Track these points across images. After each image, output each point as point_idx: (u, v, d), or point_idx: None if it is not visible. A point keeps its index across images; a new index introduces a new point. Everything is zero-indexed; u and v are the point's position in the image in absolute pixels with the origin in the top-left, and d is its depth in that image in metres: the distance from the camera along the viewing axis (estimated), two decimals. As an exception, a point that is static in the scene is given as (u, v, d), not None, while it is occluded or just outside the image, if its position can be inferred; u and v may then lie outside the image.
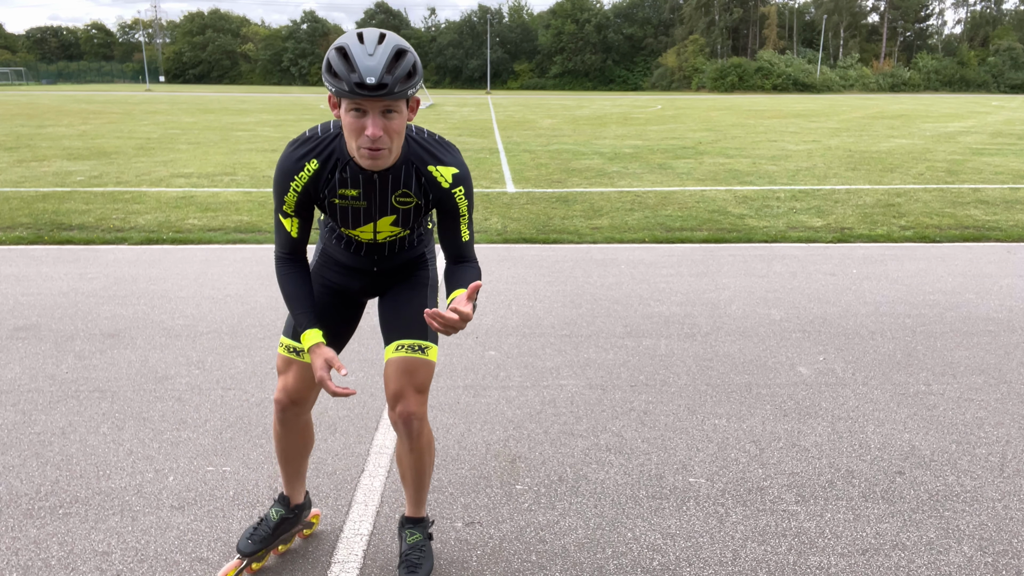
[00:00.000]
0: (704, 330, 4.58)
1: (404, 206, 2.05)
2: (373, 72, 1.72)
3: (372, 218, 2.07)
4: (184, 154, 13.71)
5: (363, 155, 1.85)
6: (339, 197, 2.01)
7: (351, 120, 1.80)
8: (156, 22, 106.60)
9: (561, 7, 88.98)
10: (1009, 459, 3.06)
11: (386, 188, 2.00)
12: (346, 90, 1.74)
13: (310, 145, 1.98)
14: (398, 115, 1.82)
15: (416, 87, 1.83)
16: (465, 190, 2.05)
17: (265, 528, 2.37)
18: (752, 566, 2.40)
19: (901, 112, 30.29)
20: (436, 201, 2.05)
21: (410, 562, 2.28)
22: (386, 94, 1.74)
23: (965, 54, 78.35)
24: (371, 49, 1.74)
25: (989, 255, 6.54)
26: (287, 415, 2.27)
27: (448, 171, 2.02)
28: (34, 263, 6.08)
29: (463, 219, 2.08)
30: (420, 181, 2.02)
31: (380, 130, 1.79)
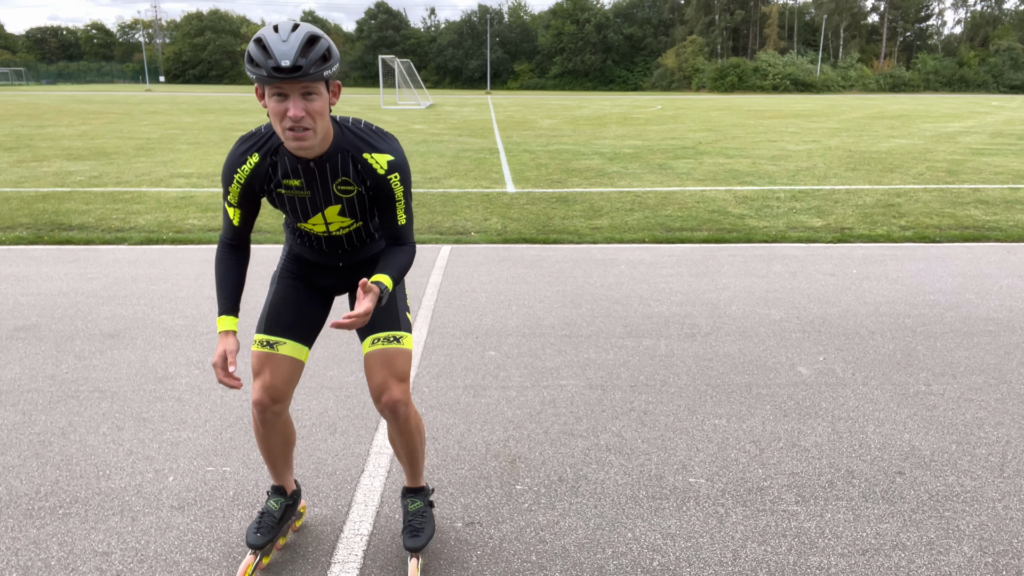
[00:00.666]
0: (704, 330, 4.58)
1: (346, 195, 2.15)
2: (287, 56, 1.84)
3: (319, 208, 2.18)
4: (184, 154, 13.71)
5: (288, 137, 1.96)
6: (284, 187, 2.13)
7: (274, 105, 1.91)
8: (156, 22, 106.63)
9: (561, 7, 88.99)
10: (1009, 459, 3.06)
11: (325, 177, 2.11)
12: (265, 75, 1.85)
13: (252, 140, 2.11)
14: (318, 97, 1.93)
15: (331, 70, 1.94)
16: (400, 176, 2.14)
17: (270, 519, 2.38)
18: (752, 566, 2.40)
19: (901, 112, 30.30)
20: (374, 187, 2.14)
21: (413, 527, 2.39)
22: (301, 75, 1.85)
23: (965, 54, 78.35)
24: (284, 36, 1.87)
25: (989, 255, 6.54)
26: (267, 415, 2.28)
27: (383, 158, 2.12)
28: (34, 263, 6.08)
29: (399, 204, 2.17)
30: (357, 168, 2.11)
31: (301, 111, 1.90)
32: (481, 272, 5.88)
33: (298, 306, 2.36)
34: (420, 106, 33.98)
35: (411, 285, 5.49)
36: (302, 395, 3.62)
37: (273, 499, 2.44)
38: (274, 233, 7.21)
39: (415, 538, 2.35)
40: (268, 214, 8.03)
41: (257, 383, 2.26)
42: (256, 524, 2.36)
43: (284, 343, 2.29)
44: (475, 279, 5.65)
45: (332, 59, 1.93)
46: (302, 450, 3.10)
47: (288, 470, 2.48)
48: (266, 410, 2.27)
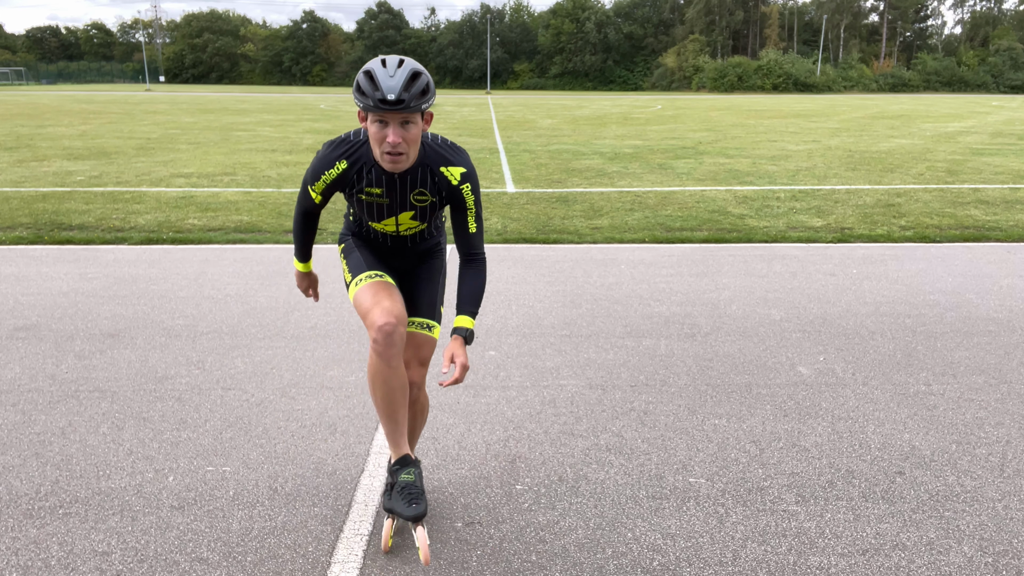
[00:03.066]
0: (704, 330, 4.58)
1: (421, 203, 2.38)
2: (393, 90, 2.07)
3: (394, 213, 2.40)
4: (184, 154, 13.71)
5: (385, 160, 2.19)
6: (365, 194, 2.35)
7: (375, 130, 2.15)
8: (156, 22, 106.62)
9: (561, 7, 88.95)
10: (1009, 459, 3.06)
11: (405, 187, 2.33)
12: (371, 105, 2.09)
13: (344, 148, 2.32)
14: (414, 126, 2.15)
15: (429, 103, 2.15)
16: (471, 186, 2.35)
17: (414, 489, 2.36)
18: (752, 566, 2.40)
19: (901, 112, 30.30)
20: (448, 197, 2.36)
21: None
22: (403, 108, 2.08)
23: (965, 54, 78.33)
24: (392, 72, 2.09)
25: (989, 255, 6.54)
26: (395, 337, 2.26)
27: (457, 170, 2.33)
28: (34, 263, 6.08)
29: (470, 212, 2.39)
30: (434, 180, 2.33)
31: (399, 138, 2.13)
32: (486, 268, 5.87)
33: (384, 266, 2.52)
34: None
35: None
36: (302, 395, 3.63)
37: (405, 471, 2.40)
38: (274, 233, 7.21)
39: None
40: (268, 214, 8.03)
41: (377, 309, 2.29)
42: (405, 499, 2.32)
43: (384, 274, 2.46)
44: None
45: (430, 93, 2.15)
46: (302, 450, 3.10)
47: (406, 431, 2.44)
48: (393, 331, 2.26)
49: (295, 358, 4.09)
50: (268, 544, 2.50)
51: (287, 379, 3.82)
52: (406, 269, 2.63)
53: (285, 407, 3.50)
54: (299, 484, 2.85)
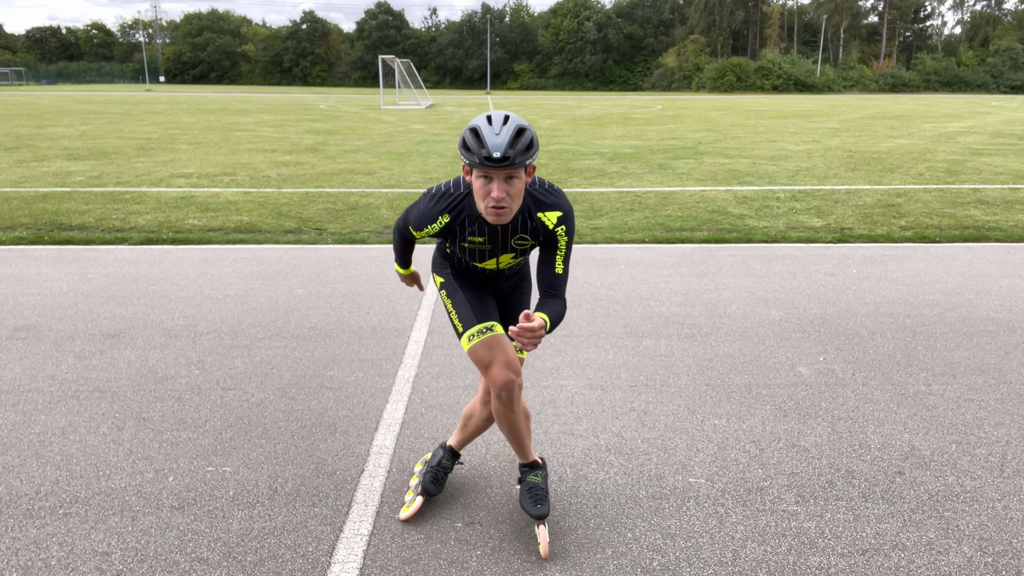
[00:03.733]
0: (704, 330, 4.58)
1: (521, 246, 2.46)
2: (499, 148, 2.10)
3: (495, 255, 2.49)
4: (184, 154, 13.71)
5: (489, 213, 2.22)
6: (468, 242, 2.43)
7: (480, 185, 2.19)
8: (156, 22, 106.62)
9: (561, 6, 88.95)
10: (1009, 459, 3.06)
11: (507, 234, 2.40)
12: (477, 162, 2.13)
13: (445, 202, 2.38)
14: (518, 180, 2.20)
15: (533, 158, 2.19)
16: (567, 228, 2.39)
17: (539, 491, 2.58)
18: (752, 566, 2.40)
19: (901, 112, 30.30)
20: (544, 240, 2.41)
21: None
22: (508, 165, 2.12)
23: (965, 54, 78.32)
24: (497, 129, 2.13)
25: (989, 255, 6.54)
26: (515, 391, 2.41)
27: (554, 215, 2.38)
28: (34, 263, 6.09)
29: (560, 253, 2.41)
30: (533, 225, 2.38)
31: (503, 193, 2.17)
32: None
33: (488, 302, 2.59)
34: (420, 106, 33.98)
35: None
36: (302, 395, 3.63)
37: (531, 475, 2.62)
38: (274, 233, 7.21)
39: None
40: (268, 214, 8.04)
41: (496, 366, 2.40)
42: (532, 498, 2.55)
43: (495, 325, 2.50)
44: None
45: (533, 149, 2.18)
46: (302, 450, 3.10)
47: (530, 443, 2.64)
48: (514, 386, 2.40)
49: (295, 358, 4.09)
50: (268, 544, 2.50)
51: (287, 379, 3.82)
52: (501, 294, 2.72)
53: (285, 407, 3.50)
54: (299, 484, 2.85)
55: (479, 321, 2.48)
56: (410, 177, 10.98)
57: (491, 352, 2.42)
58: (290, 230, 7.37)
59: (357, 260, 6.26)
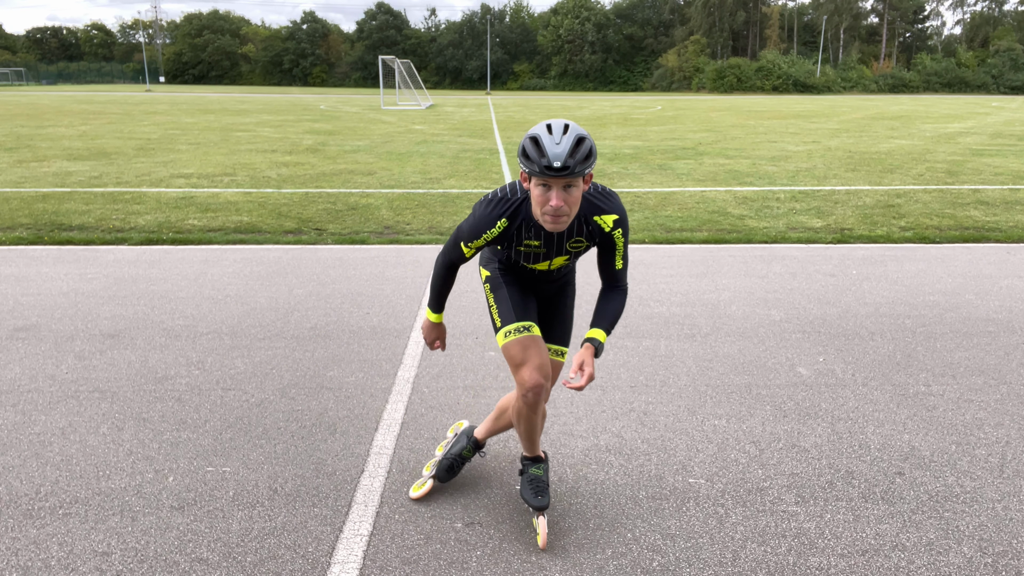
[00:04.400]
0: (704, 331, 4.58)
1: (576, 249, 2.49)
2: (559, 157, 2.13)
3: (549, 258, 2.50)
4: (184, 155, 13.71)
5: (547, 221, 2.25)
6: (524, 246, 2.45)
7: (539, 193, 2.21)
8: (156, 22, 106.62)
9: (562, 6, 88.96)
10: (1009, 460, 3.06)
11: (562, 238, 2.43)
12: (537, 171, 2.16)
13: (504, 207, 2.40)
14: (576, 188, 2.21)
15: (591, 166, 2.21)
16: (623, 230, 2.44)
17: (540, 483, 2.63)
18: (752, 567, 2.40)
19: (901, 113, 30.31)
20: (601, 242, 2.46)
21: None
22: (568, 174, 2.14)
23: (965, 55, 78.33)
24: (557, 139, 2.15)
25: (989, 256, 6.55)
26: (541, 395, 2.46)
27: (610, 218, 2.42)
28: (34, 263, 6.09)
29: (618, 252, 2.47)
30: (588, 229, 2.42)
31: (562, 202, 2.19)
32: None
33: (530, 302, 2.63)
34: (420, 106, 33.98)
35: (411, 286, 5.49)
36: (302, 395, 3.63)
37: (534, 467, 2.66)
38: (274, 234, 7.21)
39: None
40: (268, 214, 8.04)
41: (528, 368, 2.45)
42: (533, 489, 2.60)
43: (533, 326, 2.54)
44: (475, 279, 5.64)
45: (592, 157, 2.20)
46: (302, 451, 3.10)
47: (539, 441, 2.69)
48: (542, 390, 2.45)
49: (295, 358, 4.09)
50: (268, 544, 2.50)
51: (287, 379, 3.82)
52: (545, 296, 2.74)
53: (285, 407, 3.50)
54: (299, 484, 2.85)
55: (518, 319, 2.53)
56: (410, 177, 10.98)
57: (525, 352, 2.46)
58: (290, 230, 7.37)
59: (357, 260, 6.26)
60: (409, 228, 7.49)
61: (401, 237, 7.09)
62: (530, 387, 2.43)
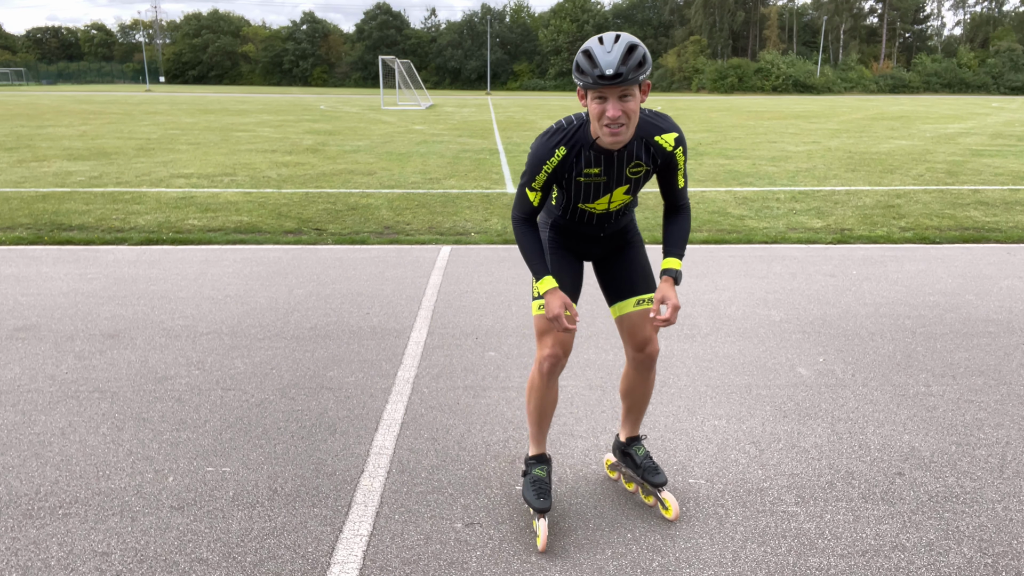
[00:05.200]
0: (704, 331, 4.58)
1: (636, 175, 2.43)
2: (611, 65, 2.11)
3: (610, 189, 2.45)
4: (184, 155, 13.71)
5: (605, 134, 2.22)
6: (584, 175, 2.39)
7: (596, 106, 2.19)
8: (156, 23, 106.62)
9: (562, 7, 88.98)
10: (1009, 460, 3.06)
11: (622, 162, 2.38)
12: (591, 82, 2.14)
13: (560, 135, 2.35)
14: (632, 99, 2.19)
15: (646, 73, 2.19)
16: (683, 148, 2.43)
17: (544, 484, 2.61)
18: (752, 567, 2.40)
19: (901, 113, 30.31)
20: (663, 164, 2.44)
21: (648, 467, 2.71)
22: (622, 81, 2.12)
23: (965, 55, 78.33)
24: (608, 48, 2.13)
25: (989, 256, 6.55)
26: (557, 368, 2.53)
27: (670, 136, 2.40)
28: (34, 263, 6.08)
29: (680, 171, 2.48)
30: (649, 151, 2.39)
31: (619, 111, 2.18)
32: (481, 272, 5.88)
33: (570, 274, 2.62)
34: (420, 107, 33.98)
35: (411, 286, 5.49)
36: (302, 395, 3.63)
37: (538, 468, 2.67)
38: (274, 234, 7.21)
39: (659, 474, 2.68)
40: (268, 214, 8.04)
41: (548, 339, 2.51)
42: (535, 491, 2.59)
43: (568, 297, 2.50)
44: (475, 279, 5.65)
45: (647, 64, 2.17)
46: (302, 451, 3.10)
47: (546, 434, 2.72)
48: (557, 363, 2.52)
49: (295, 358, 4.09)
50: (268, 545, 2.50)
51: (287, 379, 3.82)
52: (607, 251, 2.73)
53: (285, 407, 3.50)
54: (299, 484, 2.85)
55: None
56: (410, 178, 10.98)
57: (549, 325, 2.48)
58: (290, 230, 7.37)
59: (357, 260, 6.26)
60: (409, 228, 7.49)
61: (401, 237, 7.09)
62: (547, 356, 2.49)
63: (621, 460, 2.86)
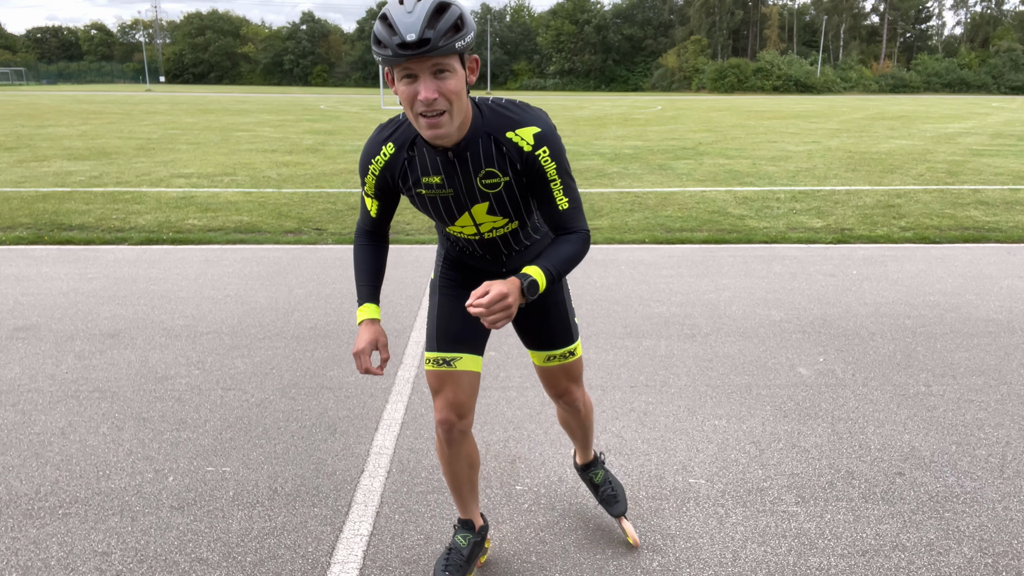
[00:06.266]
0: (704, 331, 4.58)
1: (493, 188, 1.90)
2: (412, 28, 1.61)
3: (464, 207, 1.95)
4: (184, 154, 13.71)
5: (422, 125, 1.73)
6: (424, 187, 1.93)
7: (404, 89, 1.69)
8: (156, 22, 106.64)
9: (561, 7, 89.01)
10: (1009, 460, 3.06)
11: (467, 169, 1.87)
12: (391, 55, 1.64)
13: (390, 129, 1.93)
14: (451, 74, 1.68)
15: (466, 40, 1.68)
16: (550, 150, 1.84)
17: (458, 556, 2.24)
18: (752, 567, 2.40)
19: (901, 113, 30.31)
20: (524, 170, 1.87)
21: (606, 496, 2.57)
22: (430, 50, 1.62)
23: (965, 55, 78.33)
24: (410, 7, 1.64)
25: (989, 256, 6.55)
26: (454, 434, 2.11)
27: (528, 132, 1.84)
28: (34, 263, 6.09)
29: (554, 184, 1.87)
30: (501, 151, 1.85)
31: (433, 92, 1.67)
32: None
33: (465, 316, 2.13)
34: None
35: (411, 286, 5.49)
36: (302, 395, 3.63)
37: (460, 534, 2.29)
38: (274, 234, 7.21)
39: (618, 504, 2.53)
40: (268, 214, 8.04)
41: (439, 401, 2.09)
42: (444, 561, 2.22)
43: (460, 358, 2.11)
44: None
45: (465, 28, 1.68)
46: (302, 450, 3.10)
47: (474, 499, 2.30)
48: (453, 428, 2.10)
49: (295, 358, 4.09)
50: (268, 544, 2.50)
51: (287, 379, 3.82)
52: None
53: (285, 407, 3.50)
54: (299, 484, 2.85)
55: (439, 348, 2.12)
56: (410, 177, 10.98)
57: (440, 384, 2.10)
58: (290, 230, 7.37)
59: (357, 260, 6.25)
60: (409, 228, 7.49)
61: (401, 237, 7.09)
62: (438, 421, 2.10)
63: (582, 478, 2.69)
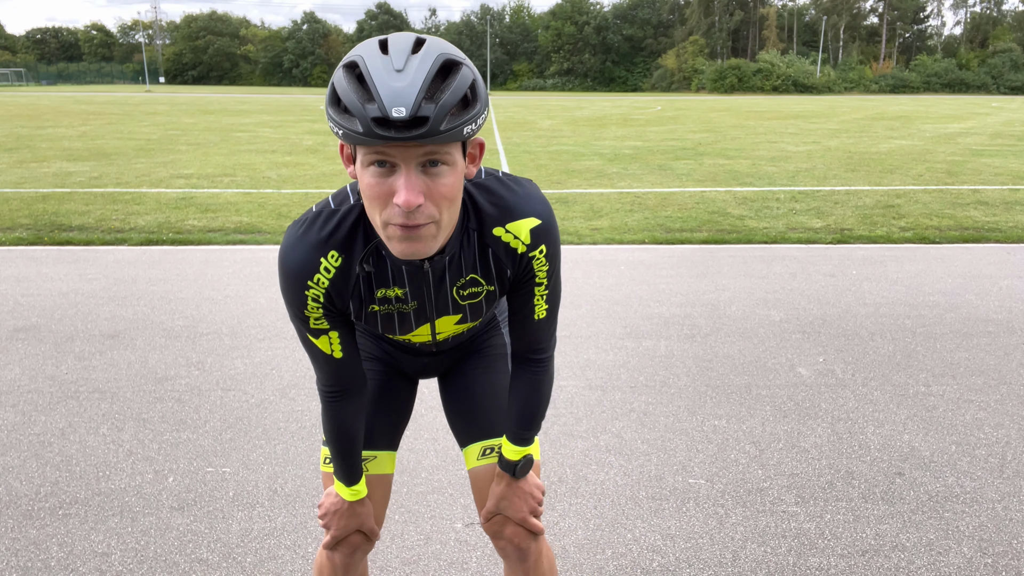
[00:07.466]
0: (704, 331, 4.58)
1: (472, 299, 1.43)
2: (402, 99, 1.04)
3: (426, 319, 1.47)
4: (184, 155, 13.71)
5: (392, 236, 1.17)
6: (379, 302, 1.39)
7: (373, 181, 1.13)
8: (156, 23, 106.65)
9: (561, 8, 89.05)
10: (1009, 460, 3.06)
11: (442, 280, 1.38)
12: (360, 132, 1.06)
13: (329, 227, 1.29)
14: (448, 169, 1.13)
15: (477, 123, 1.13)
16: (548, 249, 1.37)
17: None
18: (752, 567, 2.40)
19: (900, 113, 30.31)
20: (514, 275, 1.40)
21: None
22: (426, 134, 1.06)
23: (965, 55, 78.36)
24: (399, 62, 1.07)
25: (989, 256, 6.55)
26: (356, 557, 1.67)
27: (523, 227, 1.34)
28: (34, 264, 6.08)
29: (539, 289, 1.42)
30: (487, 256, 1.37)
31: (418, 195, 1.11)
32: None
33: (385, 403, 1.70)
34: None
35: (411, 286, 5.49)
36: (302, 396, 3.63)
37: None
38: (274, 234, 7.21)
39: None
40: (268, 215, 8.04)
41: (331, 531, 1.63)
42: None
43: (374, 457, 1.67)
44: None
45: (478, 103, 1.13)
46: (302, 451, 3.10)
47: None
48: (356, 551, 1.64)
49: (295, 359, 4.09)
50: (268, 545, 2.50)
51: (287, 380, 3.82)
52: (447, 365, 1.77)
53: (285, 408, 3.50)
54: (299, 485, 2.85)
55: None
56: (410, 178, 10.98)
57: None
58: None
59: (357, 261, 6.25)
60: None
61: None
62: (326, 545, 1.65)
63: None
